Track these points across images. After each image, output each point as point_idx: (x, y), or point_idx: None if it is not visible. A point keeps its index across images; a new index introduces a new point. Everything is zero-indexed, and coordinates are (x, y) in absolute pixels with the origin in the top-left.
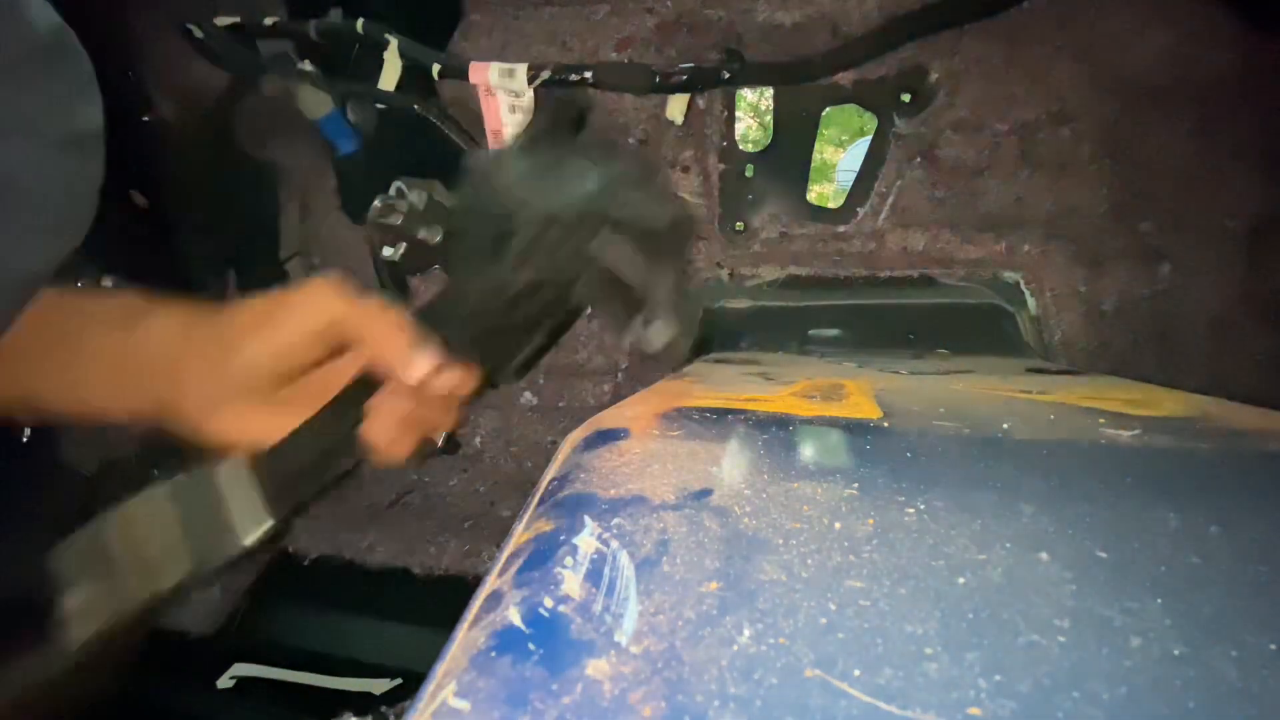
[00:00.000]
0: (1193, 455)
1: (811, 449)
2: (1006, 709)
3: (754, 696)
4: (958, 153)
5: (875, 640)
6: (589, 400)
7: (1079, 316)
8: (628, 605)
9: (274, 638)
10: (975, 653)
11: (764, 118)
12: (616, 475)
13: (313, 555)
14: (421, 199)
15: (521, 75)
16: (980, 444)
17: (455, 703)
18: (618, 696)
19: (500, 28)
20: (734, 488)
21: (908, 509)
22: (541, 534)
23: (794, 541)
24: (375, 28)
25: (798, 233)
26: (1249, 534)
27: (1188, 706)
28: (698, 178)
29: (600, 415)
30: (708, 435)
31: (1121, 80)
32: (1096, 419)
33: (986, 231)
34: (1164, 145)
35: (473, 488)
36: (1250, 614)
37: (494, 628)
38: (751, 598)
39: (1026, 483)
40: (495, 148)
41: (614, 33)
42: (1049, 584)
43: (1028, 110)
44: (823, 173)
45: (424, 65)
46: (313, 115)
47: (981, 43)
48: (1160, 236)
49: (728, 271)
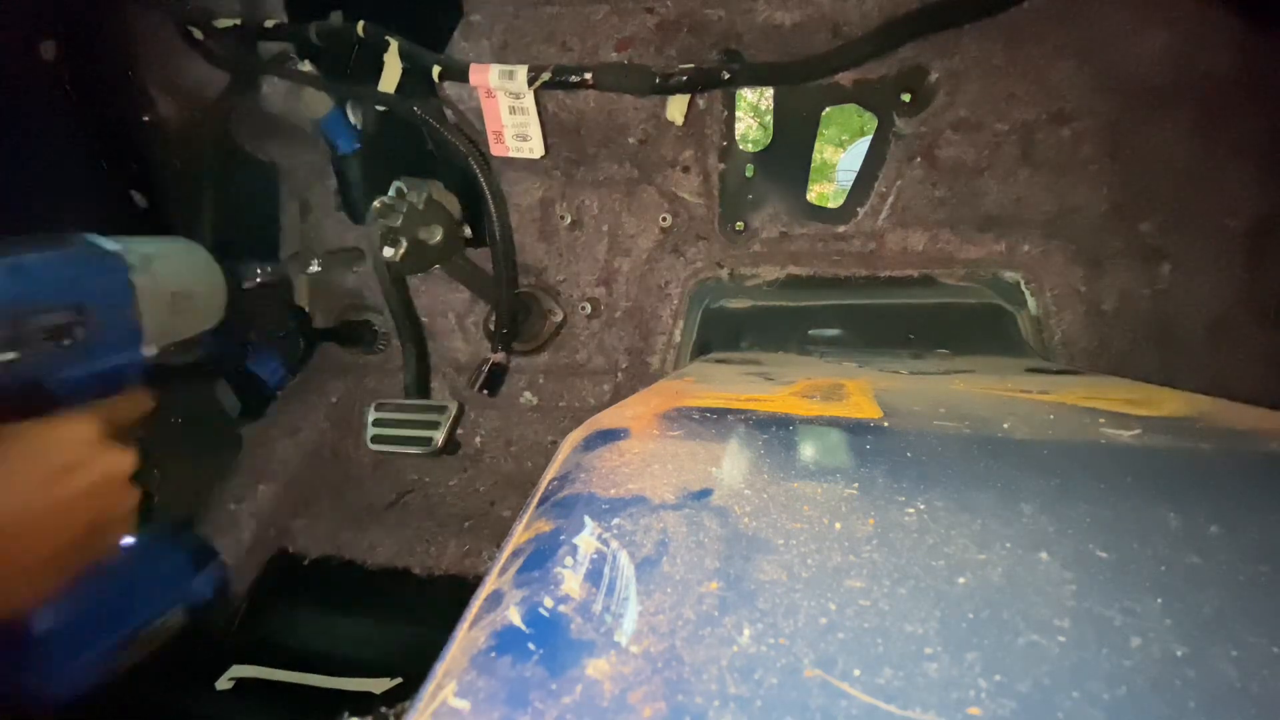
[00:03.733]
0: (1193, 455)
1: (811, 449)
2: (1006, 709)
3: (754, 696)
4: (958, 153)
5: (875, 640)
6: (589, 400)
7: (1079, 316)
8: (628, 605)
9: (274, 638)
10: (975, 653)
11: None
12: (616, 475)
13: (313, 555)
14: (421, 199)
15: (522, 77)
16: (980, 444)
17: (455, 703)
18: (618, 696)
19: (500, 28)
20: (734, 488)
21: (908, 509)
22: (541, 534)
23: (794, 541)
24: (376, 29)
25: (797, 232)
26: (1249, 534)
27: (1188, 706)
28: (698, 178)
29: (600, 415)
30: (708, 435)
31: (1121, 80)
32: (1097, 419)
33: (986, 231)
34: (1164, 145)
35: (473, 488)
36: (1250, 614)
37: (494, 628)
38: (751, 598)
39: (1026, 483)
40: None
41: (614, 33)
42: (1049, 584)
43: (1028, 110)
44: (823, 173)
45: (424, 67)
46: (313, 115)
47: (981, 43)
48: (1160, 236)
49: (728, 271)
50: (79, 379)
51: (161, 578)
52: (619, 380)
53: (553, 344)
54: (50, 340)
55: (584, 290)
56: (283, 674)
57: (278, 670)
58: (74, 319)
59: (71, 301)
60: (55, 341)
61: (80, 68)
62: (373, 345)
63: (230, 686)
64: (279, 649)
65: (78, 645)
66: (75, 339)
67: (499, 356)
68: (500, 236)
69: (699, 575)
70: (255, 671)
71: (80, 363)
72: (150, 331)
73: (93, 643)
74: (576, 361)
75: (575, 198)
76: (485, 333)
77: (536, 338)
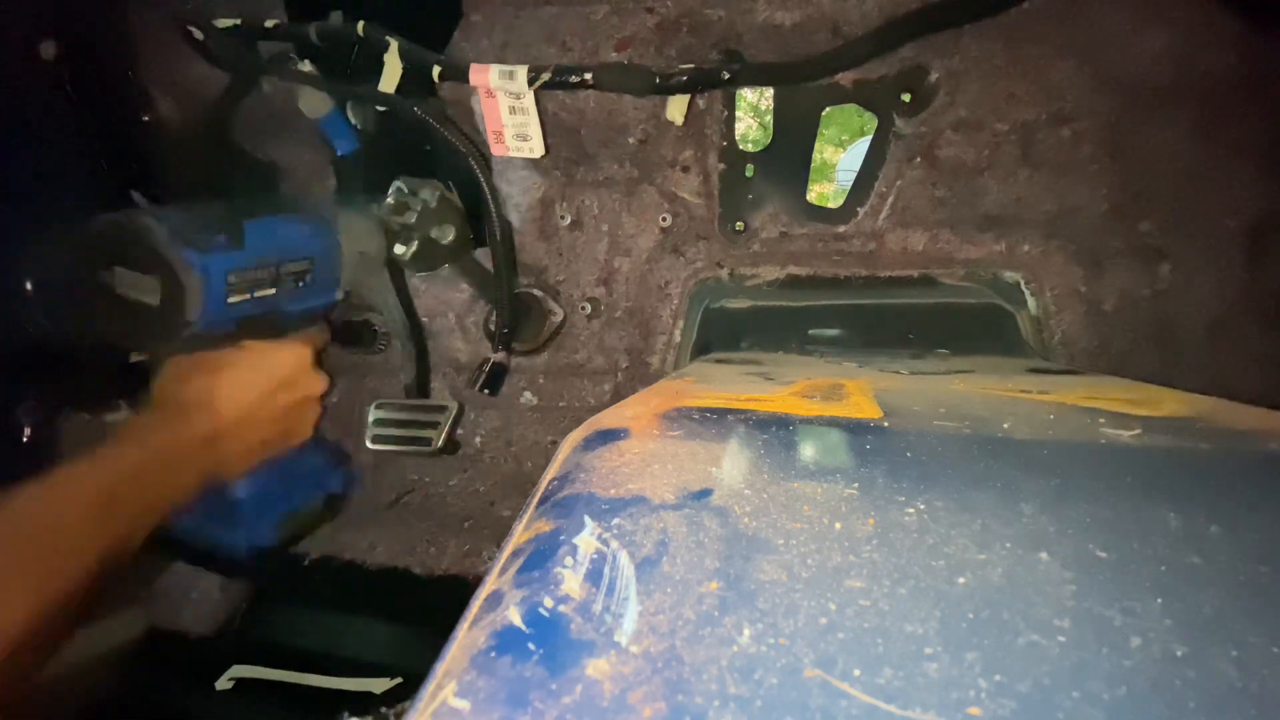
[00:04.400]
0: (1193, 455)
1: (811, 449)
2: (1006, 709)
3: (754, 696)
4: (958, 153)
5: (875, 640)
6: (589, 400)
7: (1079, 316)
8: (628, 605)
9: (274, 638)
10: (975, 653)
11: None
12: (616, 475)
13: (313, 555)
14: (434, 197)
15: (522, 77)
16: (980, 444)
17: (455, 703)
18: (618, 696)
19: (500, 28)
20: (734, 488)
21: (908, 509)
22: (541, 534)
23: (794, 541)
24: (376, 30)
25: (797, 232)
26: (1249, 534)
27: (1188, 706)
28: (698, 178)
29: (600, 415)
30: (708, 435)
31: (1121, 80)
32: (1097, 419)
33: (986, 231)
34: (1164, 145)
35: (473, 488)
36: (1250, 614)
37: (494, 628)
38: (751, 598)
39: (1027, 483)
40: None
41: (614, 32)
42: (1049, 584)
43: (1028, 110)
44: (823, 173)
45: (424, 67)
46: (313, 115)
47: (982, 43)
48: (1160, 236)
49: (728, 271)
50: (299, 313)
51: (313, 471)
52: (619, 380)
53: (553, 344)
54: (294, 282)
55: (584, 290)
56: (281, 674)
57: (276, 670)
58: (307, 268)
59: (307, 255)
60: (296, 284)
61: (80, 68)
62: (373, 345)
63: (230, 686)
64: (279, 649)
65: (260, 513)
66: (306, 283)
67: (499, 356)
68: (500, 236)
69: (699, 575)
70: (254, 672)
71: (304, 300)
72: (343, 280)
73: (269, 513)
74: (576, 361)
75: (575, 198)
76: (485, 332)
77: (536, 338)
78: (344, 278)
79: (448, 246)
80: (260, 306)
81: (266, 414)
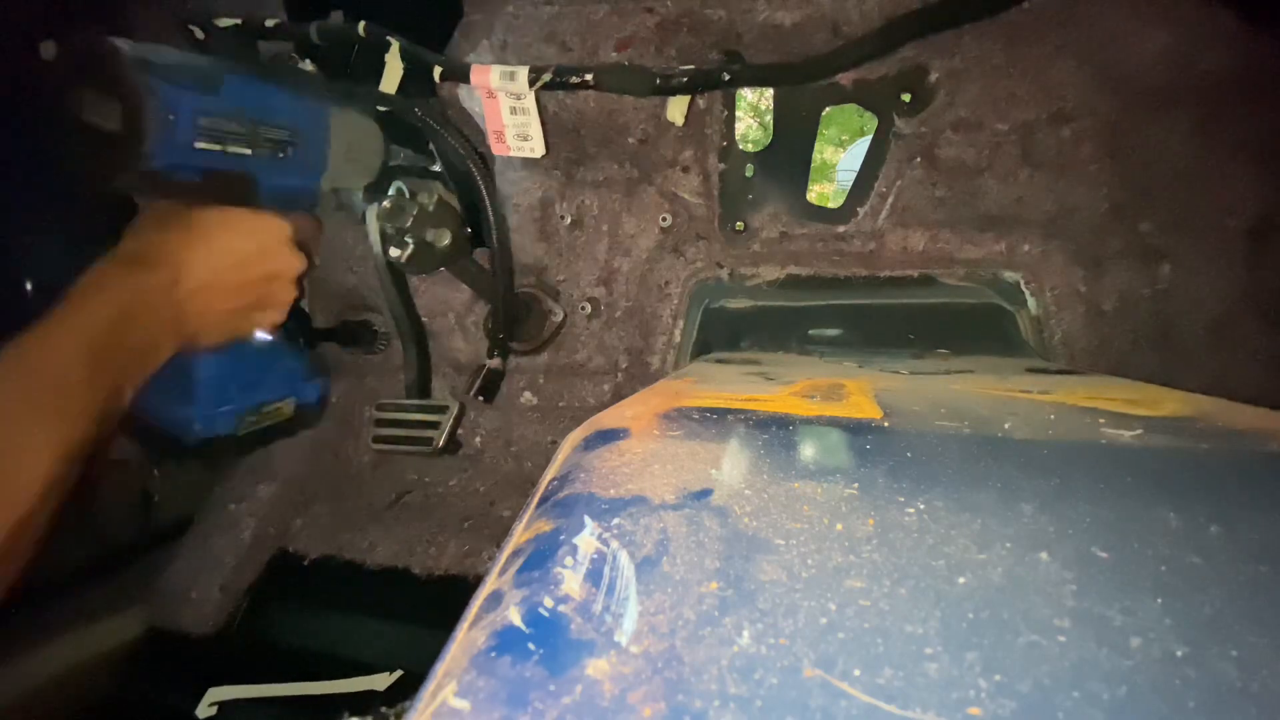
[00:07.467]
0: (1193, 455)
1: (811, 449)
2: (1006, 709)
3: (754, 696)
4: (958, 153)
5: (875, 640)
6: (589, 400)
7: (1079, 316)
8: (628, 605)
9: (274, 638)
10: (975, 653)
11: (764, 118)
12: (616, 475)
13: (313, 555)
14: (432, 200)
15: (523, 78)
16: (980, 444)
17: (455, 703)
18: (618, 696)
19: (500, 27)
20: (734, 488)
21: (908, 509)
22: (541, 534)
23: (794, 541)
24: (377, 30)
25: (797, 232)
26: (1249, 534)
27: (1188, 706)
28: (698, 178)
29: (600, 415)
30: (708, 435)
31: (1121, 80)
32: (1097, 419)
33: (986, 231)
34: (1164, 145)
35: (473, 488)
36: (1250, 614)
37: (494, 628)
38: (751, 598)
39: (1027, 483)
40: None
41: (614, 32)
42: (1049, 584)
43: (1028, 110)
44: (823, 173)
45: (425, 67)
46: None
47: (981, 43)
48: (1160, 236)
49: (728, 271)
50: (279, 188)
51: (285, 371)
52: (619, 380)
53: (553, 344)
54: (272, 149)
55: (584, 290)
56: (272, 689)
57: (258, 686)
58: (289, 138)
59: (289, 125)
60: (276, 153)
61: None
62: (373, 345)
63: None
64: (279, 649)
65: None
66: (286, 154)
67: (495, 363)
68: (499, 238)
69: (699, 575)
70: (244, 691)
71: (284, 175)
72: (330, 166)
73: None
74: (576, 361)
75: (575, 198)
76: (485, 332)
77: (536, 338)
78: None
79: (443, 250)
80: (232, 164)
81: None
